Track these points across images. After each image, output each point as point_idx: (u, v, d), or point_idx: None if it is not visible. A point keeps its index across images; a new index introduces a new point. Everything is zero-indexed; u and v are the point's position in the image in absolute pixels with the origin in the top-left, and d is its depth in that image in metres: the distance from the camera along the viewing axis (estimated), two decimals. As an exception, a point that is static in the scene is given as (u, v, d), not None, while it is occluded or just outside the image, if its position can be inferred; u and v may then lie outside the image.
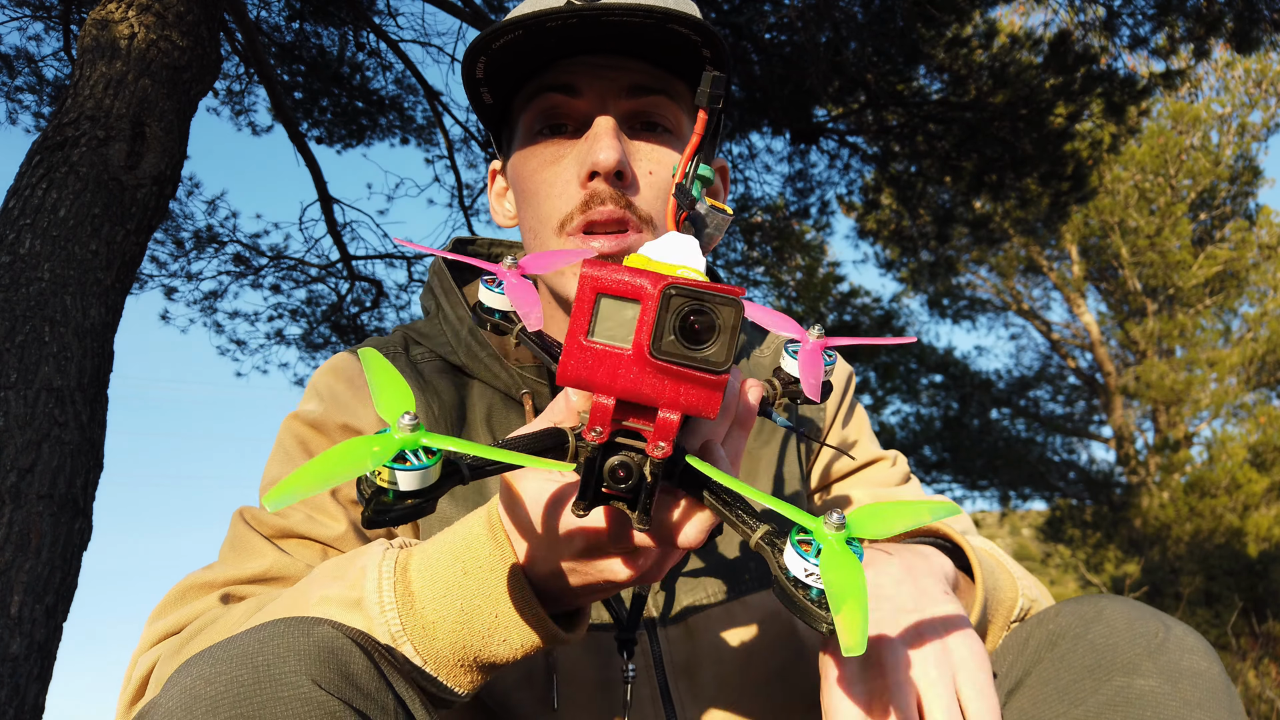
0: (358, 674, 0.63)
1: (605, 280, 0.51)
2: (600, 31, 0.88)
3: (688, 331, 0.49)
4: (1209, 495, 12.43)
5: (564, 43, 0.89)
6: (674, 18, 0.85)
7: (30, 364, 2.78)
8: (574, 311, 0.51)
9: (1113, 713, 0.70)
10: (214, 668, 0.60)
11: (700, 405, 0.50)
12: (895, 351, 13.25)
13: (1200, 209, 13.91)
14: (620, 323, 0.50)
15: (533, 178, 0.95)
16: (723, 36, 0.89)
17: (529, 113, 0.95)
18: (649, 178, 0.93)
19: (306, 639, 0.62)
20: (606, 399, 0.52)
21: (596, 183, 0.90)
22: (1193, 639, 0.73)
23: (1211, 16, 5.23)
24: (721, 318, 0.49)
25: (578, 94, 0.92)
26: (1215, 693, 0.70)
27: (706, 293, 0.49)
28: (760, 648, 1.00)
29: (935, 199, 6.89)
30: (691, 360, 0.49)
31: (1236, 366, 13.29)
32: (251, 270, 6.52)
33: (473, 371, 1.03)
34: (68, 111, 3.09)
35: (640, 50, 0.91)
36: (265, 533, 0.95)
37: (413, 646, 0.69)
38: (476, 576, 0.68)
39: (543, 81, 0.93)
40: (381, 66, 6.20)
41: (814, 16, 5.08)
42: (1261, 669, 7.73)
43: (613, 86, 0.92)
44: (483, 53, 0.89)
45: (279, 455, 1.00)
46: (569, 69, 0.92)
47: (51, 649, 2.71)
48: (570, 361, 0.51)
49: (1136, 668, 0.71)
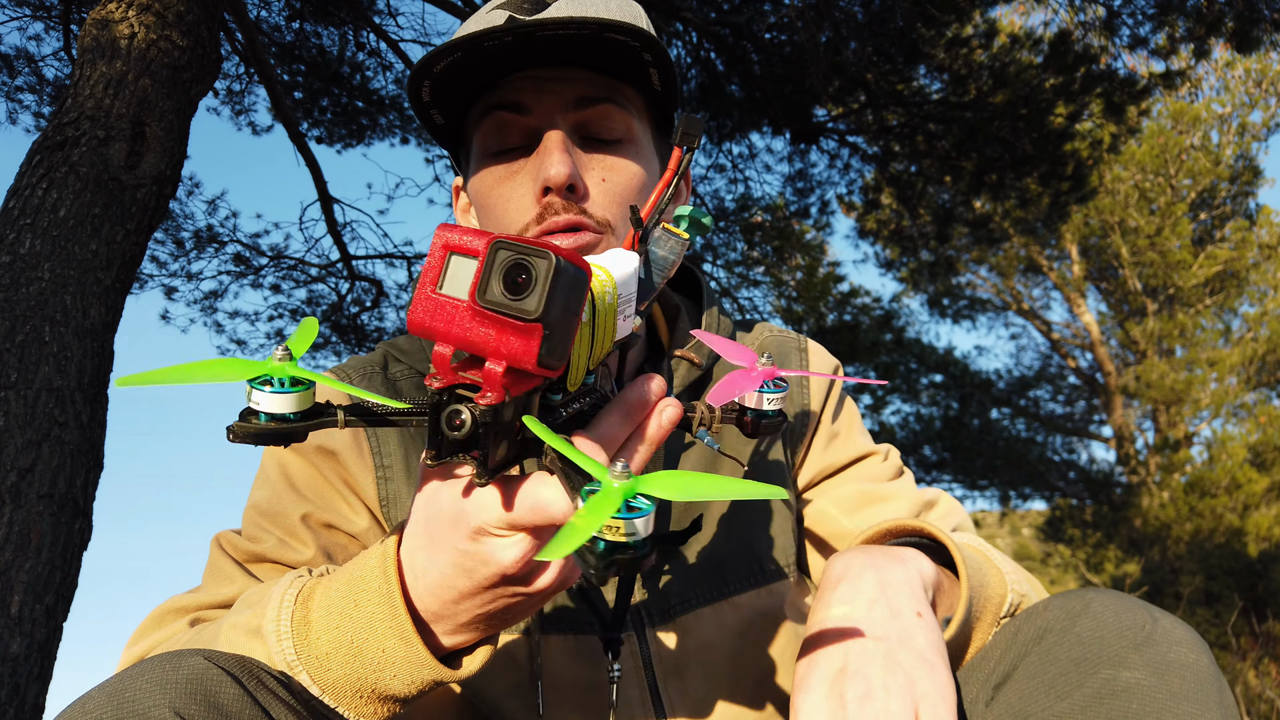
0: (227, 703, 0.64)
1: (454, 240, 0.56)
2: (540, 46, 0.88)
3: (511, 284, 0.53)
4: (1209, 495, 12.42)
5: (507, 59, 0.90)
6: (610, 27, 0.85)
7: (30, 364, 2.79)
8: (425, 266, 0.56)
9: (1099, 705, 0.70)
10: (83, 708, 0.63)
11: (519, 355, 0.54)
12: (895, 351, 13.25)
13: (1200, 209, 13.90)
14: (463, 278, 0.55)
15: (489, 195, 0.96)
16: (659, 40, 0.89)
17: (480, 132, 0.96)
18: (602, 185, 0.94)
19: (175, 672, 0.64)
20: (445, 348, 0.56)
21: (550, 197, 0.91)
22: (1181, 631, 0.73)
23: (1211, 16, 5.23)
24: (538, 270, 0.52)
25: (525, 111, 0.93)
26: (1203, 684, 0.70)
27: (526, 246, 0.53)
28: (750, 647, 1.01)
29: (935, 199, 6.89)
30: (509, 309, 0.52)
31: (1237, 366, 13.29)
32: (252, 270, 6.52)
33: None
34: (68, 111, 3.10)
35: (583, 59, 0.92)
36: (238, 558, 0.96)
37: (309, 676, 0.70)
38: (366, 609, 0.69)
39: (490, 100, 0.94)
40: (381, 66, 6.20)
41: (814, 16, 5.09)
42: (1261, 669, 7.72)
43: (559, 100, 0.93)
44: (425, 76, 0.89)
45: (260, 479, 1.02)
46: (515, 86, 0.93)
47: (51, 649, 2.71)
48: (417, 311, 0.56)
49: (1123, 660, 0.71)
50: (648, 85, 0.96)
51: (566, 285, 0.53)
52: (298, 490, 0.99)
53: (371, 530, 1.00)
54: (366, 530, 1.00)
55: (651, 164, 1.00)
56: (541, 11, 0.91)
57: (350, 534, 0.99)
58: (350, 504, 1.00)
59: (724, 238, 7.70)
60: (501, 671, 0.95)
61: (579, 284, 0.55)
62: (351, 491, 0.99)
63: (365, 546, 1.00)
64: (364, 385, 1.03)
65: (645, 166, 0.98)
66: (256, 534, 0.97)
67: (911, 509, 1.07)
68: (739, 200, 7.30)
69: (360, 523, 0.99)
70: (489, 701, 0.95)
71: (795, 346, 1.15)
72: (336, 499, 0.99)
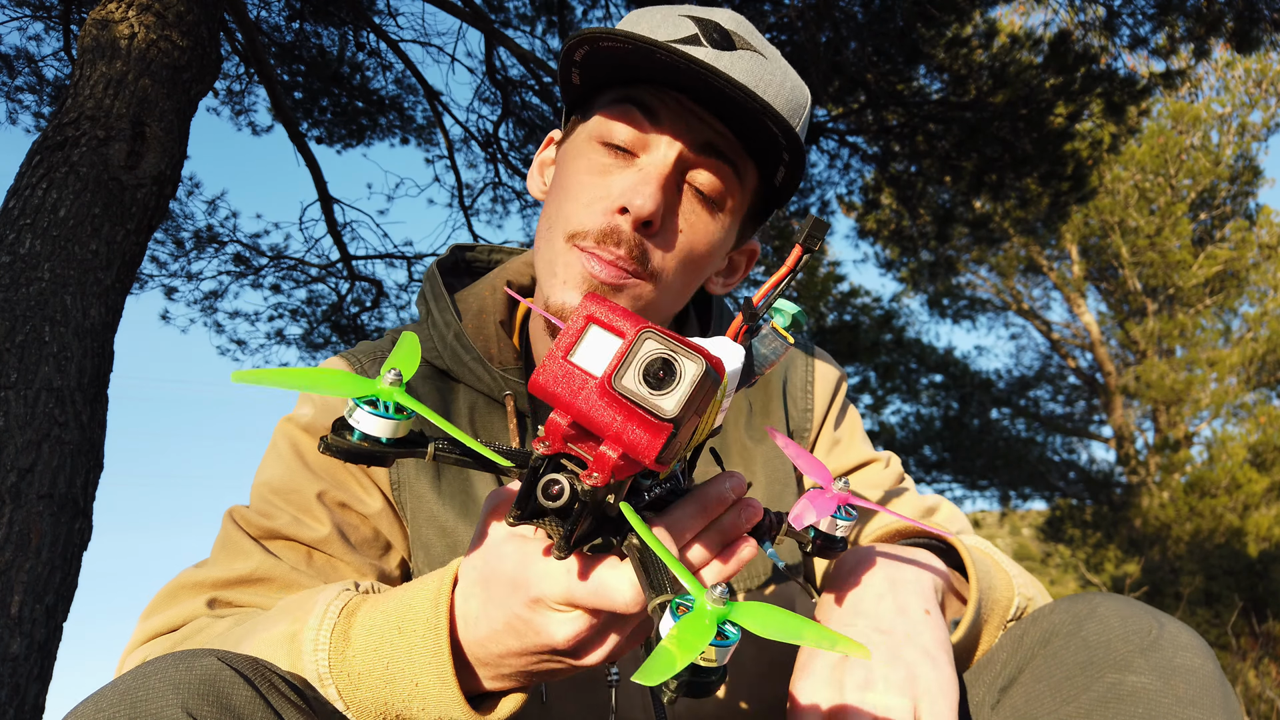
0: (239, 704, 0.64)
1: (599, 313, 0.54)
2: (698, 84, 0.88)
3: (651, 375, 0.51)
4: (1209, 495, 12.43)
5: (665, 73, 0.89)
6: (770, 114, 0.85)
7: (30, 364, 2.78)
8: (564, 330, 0.54)
9: (1105, 709, 0.70)
10: (96, 705, 0.63)
11: (641, 448, 0.52)
12: (895, 351, 13.25)
13: (1200, 209, 13.90)
14: (600, 353, 0.53)
15: (575, 176, 0.95)
16: (803, 146, 0.89)
17: (605, 113, 0.94)
18: (677, 235, 0.93)
19: (188, 672, 0.64)
20: (563, 417, 0.54)
21: (623, 220, 0.90)
22: (1186, 636, 0.73)
23: (1211, 16, 5.23)
24: (684, 371, 0.51)
25: (656, 120, 0.92)
26: (1209, 690, 0.69)
27: (678, 344, 0.52)
28: (749, 645, 1.01)
29: (935, 199, 6.89)
30: (645, 402, 0.51)
31: (1236, 366, 13.29)
32: (252, 270, 6.52)
33: (458, 375, 1.05)
34: (68, 111, 3.10)
35: (729, 118, 0.91)
36: (253, 534, 0.97)
37: (337, 690, 0.71)
38: (410, 639, 0.69)
39: (631, 93, 0.93)
40: (381, 66, 6.20)
41: (814, 16, 5.08)
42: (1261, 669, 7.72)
43: (690, 134, 0.92)
44: (588, 43, 0.89)
45: (272, 456, 1.02)
46: (659, 95, 0.92)
47: (51, 649, 2.71)
48: (544, 373, 0.54)
49: (1129, 665, 0.71)
50: (770, 175, 0.96)
51: (705, 391, 0.52)
52: (312, 469, 1.00)
53: (384, 513, 1.01)
54: (379, 512, 1.01)
55: (728, 242, 0.99)
56: (726, 49, 0.90)
57: (363, 514, 1.00)
58: (363, 485, 1.01)
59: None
60: None
61: (714, 388, 0.54)
62: (364, 474, 1.01)
63: (377, 528, 1.01)
64: (373, 370, 1.04)
65: (722, 239, 0.97)
66: (269, 510, 0.97)
67: (913, 515, 1.08)
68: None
69: (374, 504, 1.00)
70: None
71: (802, 354, 1.17)
72: (349, 480, 1.01)
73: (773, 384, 1.13)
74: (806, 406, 1.12)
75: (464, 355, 1.03)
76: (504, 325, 1.07)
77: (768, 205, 1.03)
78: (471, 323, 1.06)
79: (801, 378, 1.14)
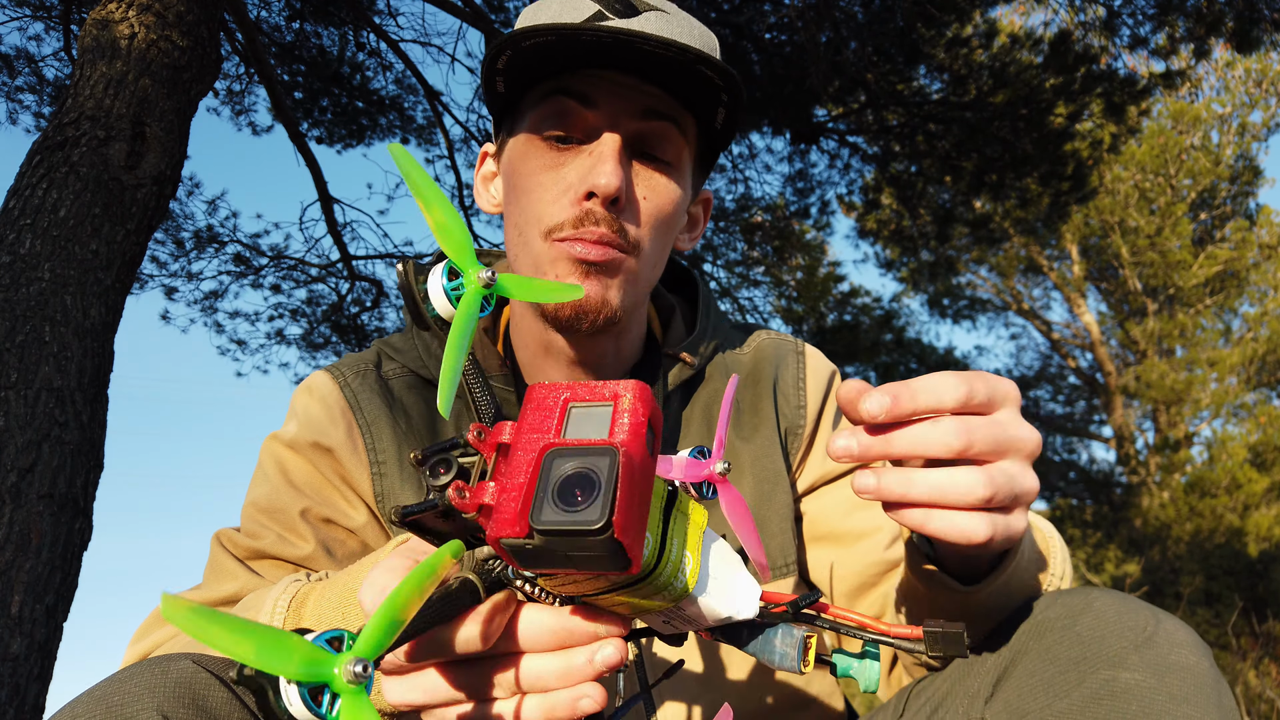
0: (215, 706, 0.64)
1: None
2: (628, 54, 0.89)
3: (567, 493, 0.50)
4: (1209, 495, 12.42)
5: (591, 54, 0.90)
6: (704, 60, 0.86)
7: (30, 364, 2.79)
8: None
9: (1097, 706, 0.69)
10: (73, 711, 0.63)
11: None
12: (895, 351, 13.25)
13: (1200, 209, 13.90)
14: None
15: (530, 178, 0.95)
16: (740, 86, 0.90)
17: (539, 110, 0.95)
18: (643, 202, 0.94)
19: (163, 676, 0.64)
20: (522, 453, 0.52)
21: (592, 203, 0.90)
22: (1183, 633, 0.73)
23: (1212, 16, 5.23)
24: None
25: (592, 105, 0.93)
26: (1203, 687, 0.69)
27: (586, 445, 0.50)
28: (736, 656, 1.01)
29: (935, 199, 6.89)
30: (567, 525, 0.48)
31: (1237, 366, 13.28)
32: (252, 270, 6.52)
33: None
34: (68, 111, 3.10)
35: (660, 78, 0.92)
36: (239, 555, 0.97)
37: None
38: (355, 622, 0.69)
39: (558, 85, 0.94)
40: (381, 66, 6.20)
41: (814, 16, 5.08)
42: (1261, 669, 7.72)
43: (627, 106, 0.93)
44: (510, 47, 0.89)
45: (259, 476, 1.02)
46: (588, 79, 0.93)
47: (52, 649, 2.71)
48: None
49: (1123, 661, 0.70)
50: (710, 120, 0.97)
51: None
52: (296, 486, 1.00)
53: (369, 525, 1.01)
54: (364, 525, 1.01)
55: (685, 196, 1.01)
56: (632, 15, 0.92)
57: (348, 529, 1.00)
58: (348, 499, 1.01)
59: (724, 238, 7.70)
60: None
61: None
62: (348, 487, 1.01)
63: (364, 541, 1.01)
64: (357, 383, 1.04)
65: (683, 197, 0.99)
66: (256, 530, 0.98)
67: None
68: (739, 200, 7.30)
69: (358, 518, 1.00)
70: None
71: (793, 350, 1.15)
72: (334, 495, 1.00)
73: (762, 381, 1.11)
74: (799, 403, 1.11)
75: None
76: (488, 332, 1.06)
77: (712, 149, 1.04)
78: None
79: (793, 374, 1.12)
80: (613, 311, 0.93)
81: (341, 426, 1.01)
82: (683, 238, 1.08)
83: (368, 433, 1.01)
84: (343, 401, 1.02)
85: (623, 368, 1.06)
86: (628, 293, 0.95)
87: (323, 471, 1.00)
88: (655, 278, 1.01)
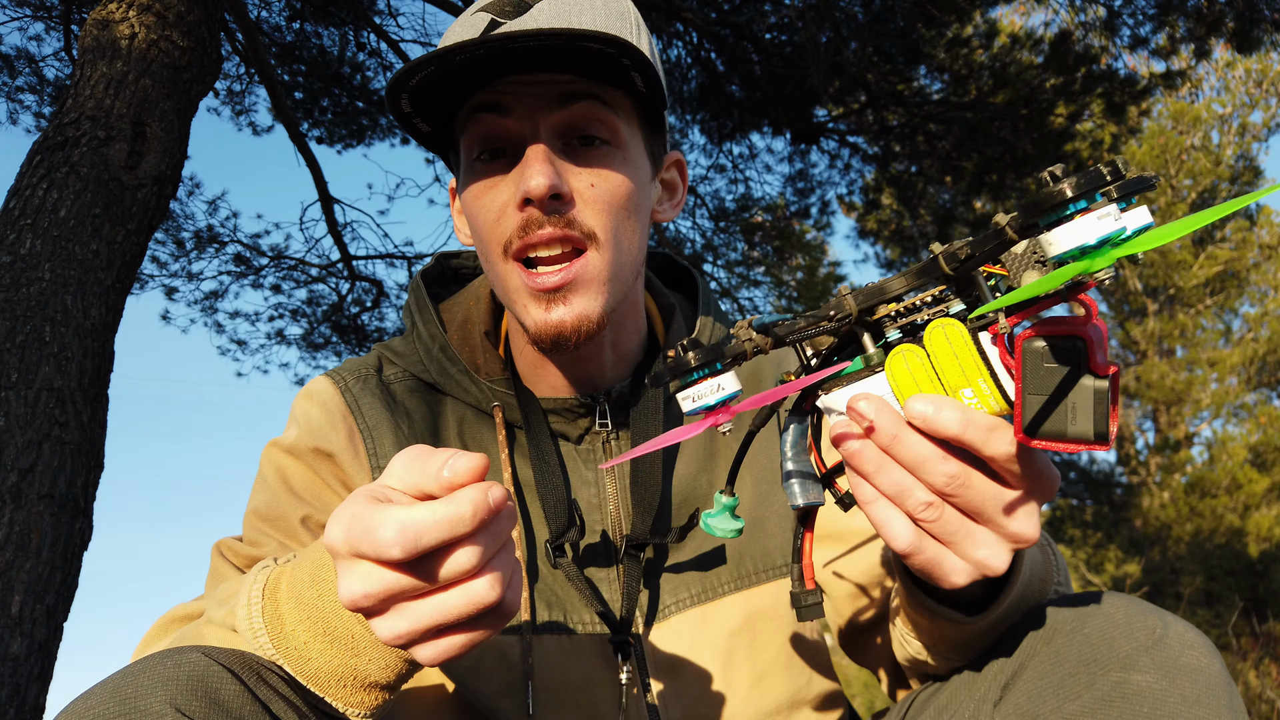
0: (227, 699, 0.64)
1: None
2: (520, 53, 0.87)
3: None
4: (1209, 495, 12.43)
5: (489, 65, 0.89)
6: (581, 36, 0.83)
7: (31, 364, 2.78)
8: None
9: (1109, 708, 0.69)
10: (86, 704, 0.63)
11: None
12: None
13: (1200, 209, 13.90)
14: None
15: (474, 203, 0.95)
16: (633, 45, 0.86)
17: (467, 136, 0.95)
18: (590, 190, 0.92)
19: (175, 669, 0.64)
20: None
21: (530, 210, 0.90)
22: (1192, 635, 0.73)
23: (1212, 16, 5.23)
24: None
25: (507, 111, 0.92)
26: (1214, 690, 0.69)
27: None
28: (742, 648, 1.00)
29: (935, 199, 6.89)
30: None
31: (1237, 366, 13.29)
32: (252, 270, 6.52)
33: (445, 388, 1.04)
34: (68, 111, 3.10)
35: (566, 65, 0.91)
36: (239, 564, 0.96)
37: (291, 669, 0.70)
38: (330, 595, 0.68)
39: (473, 103, 0.93)
40: (382, 66, 6.19)
41: (814, 16, 5.08)
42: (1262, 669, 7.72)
43: (541, 99, 0.91)
44: (402, 90, 0.88)
45: (259, 483, 1.02)
46: (497, 88, 0.92)
47: (52, 649, 2.71)
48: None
49: (1134, 663, 0.70)
50: (633, 88, 0.94)
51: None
52: (296, 493, 0.99)
53: None
54: None
55: (643, 169, 0.98)
56: (523, 12, 0.90)
57: None
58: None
59: (724, 238, 7.70)
60: (494, 671, 0.95)
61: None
62: (349, 492, 1.00)
63: None
64: (358, 388, 1.04)
65: (636, 173, 0.96)
66: (257, 539, 0.97)
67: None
68: (739, 200, 7.30)
69: None
70: (483, 701, 0.95)
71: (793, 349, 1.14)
72: (335, 500, 1.00)
73: (765, 380, 1.11)
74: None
75: (450, 367, 1.03)
76: (489, 335, 1.06)
77: (655, 111, 1.02)
78: (456, 334, 1.06)
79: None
80: (593, 324, 0.92)
81: (342, 431, 1.00)
82: (661, 208, 1.06)
83: (369, 437, 1.00)
84: (343, 406, 1.02)
85: (624, 367, 1.05)
86: (604, 292, 0.93)
87: (323, 477, 1.00)
88: (637, 261, 0.99)
